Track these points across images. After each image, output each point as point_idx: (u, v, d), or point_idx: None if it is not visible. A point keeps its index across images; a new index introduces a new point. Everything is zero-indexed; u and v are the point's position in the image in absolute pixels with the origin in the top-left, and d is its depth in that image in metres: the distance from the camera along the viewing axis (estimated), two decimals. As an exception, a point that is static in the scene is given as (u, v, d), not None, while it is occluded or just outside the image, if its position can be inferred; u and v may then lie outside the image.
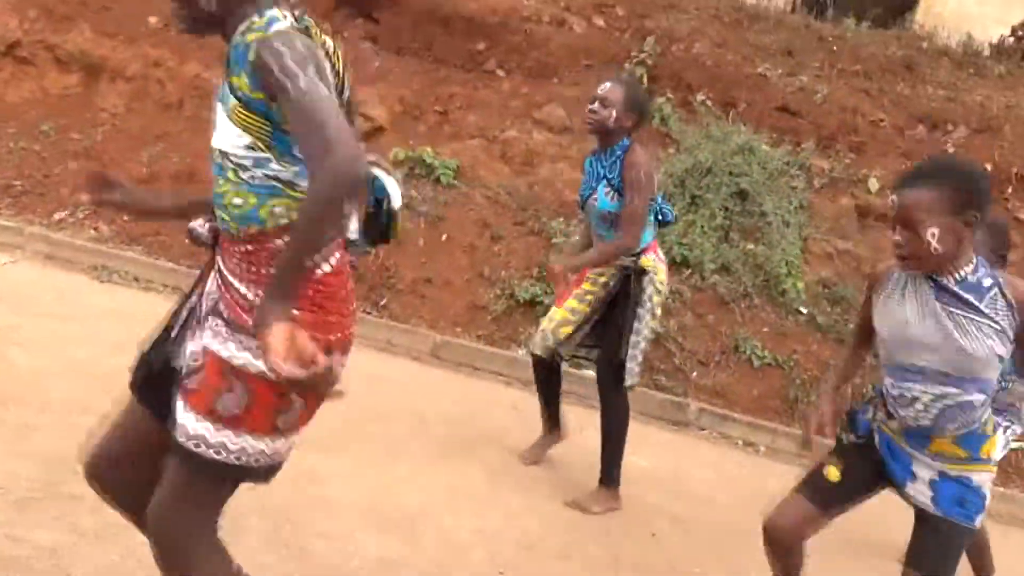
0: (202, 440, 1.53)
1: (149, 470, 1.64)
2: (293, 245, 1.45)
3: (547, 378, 3.63)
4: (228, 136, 1.54)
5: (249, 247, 1.57)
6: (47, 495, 2.48)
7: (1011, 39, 9.77)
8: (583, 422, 3.88)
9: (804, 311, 6.01)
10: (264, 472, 1.61)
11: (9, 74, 6.98)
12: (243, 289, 1.57)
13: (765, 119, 7.43)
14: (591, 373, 3.68)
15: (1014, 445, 3.52)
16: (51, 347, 3.62)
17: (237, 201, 1.55)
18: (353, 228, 1.65)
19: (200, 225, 1.69)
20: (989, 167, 7.11)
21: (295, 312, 1.48)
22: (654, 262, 3.34)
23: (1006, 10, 11.38)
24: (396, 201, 1.70)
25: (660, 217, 3.42)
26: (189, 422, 1.54)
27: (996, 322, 2.08)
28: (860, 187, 6.89)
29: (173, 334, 1.70)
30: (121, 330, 4.03)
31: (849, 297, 6.00)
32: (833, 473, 2.32)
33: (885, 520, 2.87)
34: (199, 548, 1.60)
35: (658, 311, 3.42)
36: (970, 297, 2.10)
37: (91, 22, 7.20)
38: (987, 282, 2.11)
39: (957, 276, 2.11)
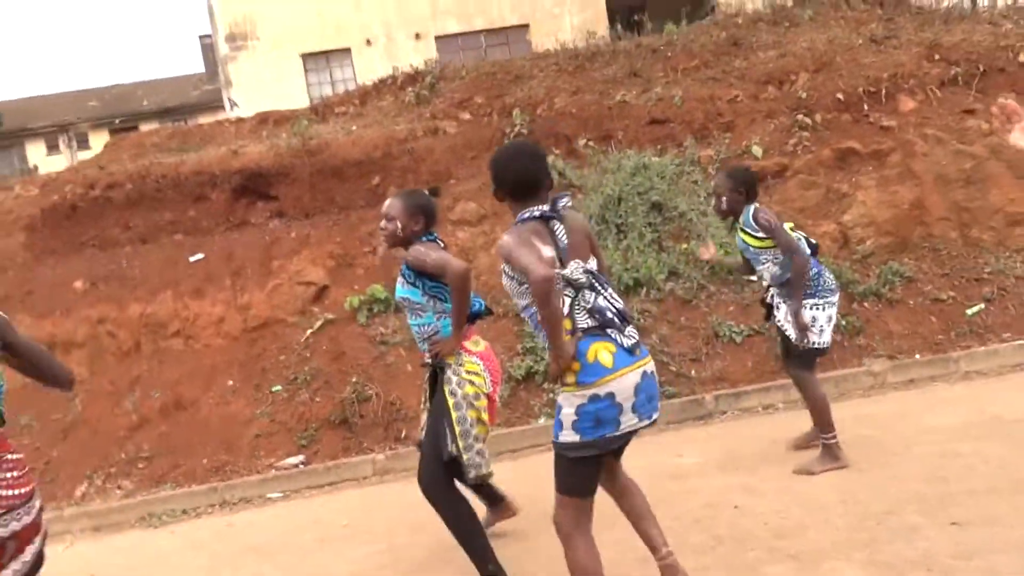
0: None
1: None
2: None
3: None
4: None
5: None
6: None
7: (804, -16, 10.97)
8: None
9: (753, 278, 6.60)
10: None
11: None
12: None
13: (642, 137, 8.18)
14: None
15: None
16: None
17: None
18: None
19: None
20: (840, 96, 8.03)
21: None
22: (458, 354, 3.38)
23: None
24: None
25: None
26: None
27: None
28: (748, 157, 7.63)
29: None
30: (208, 557, 4.28)
31: (783, 250, 6.65)
32: None
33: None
34: None
35: (478, 402, 3.35)
36: None
37: (23, 309, 7.47)
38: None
39: None
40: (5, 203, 9.15)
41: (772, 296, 4.38)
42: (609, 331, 2.61)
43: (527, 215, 2.70)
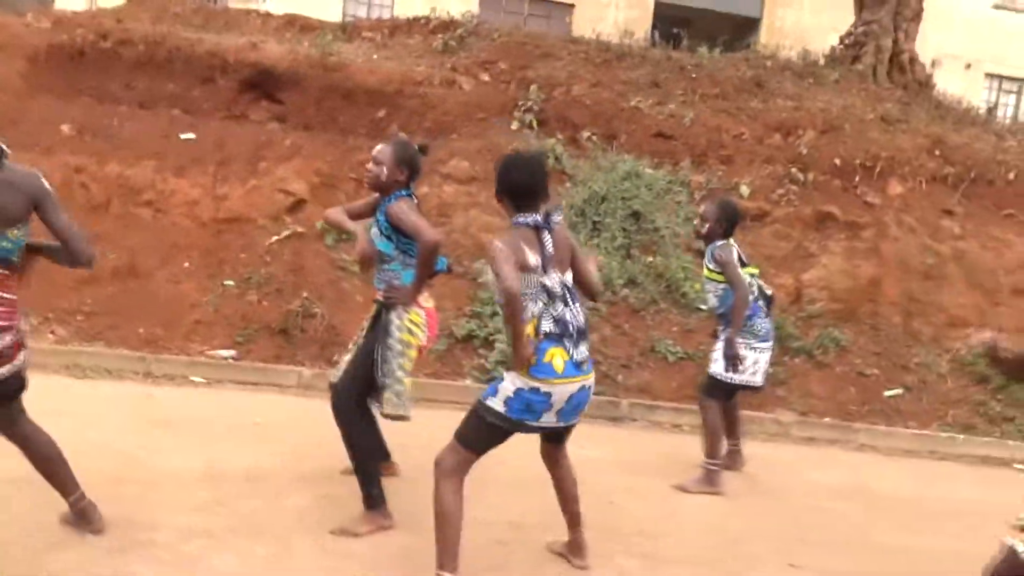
0: None
1: None
2: None
3: None
4: None
5: None
6: None
7: (840, 47, 11.19)
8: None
9: (704, 308, 6.89)
10: None
11: (-69, 198, 7.19)
12: None
13: (644, 146, 8.39)
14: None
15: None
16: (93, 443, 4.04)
17: None
18: None
19: None
20: (838, 162, 8.30)
21: None
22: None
23: (838, 18, 12.98)
24: None
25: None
26: None
27: None
28: (733, 194, 7.87)
29: None
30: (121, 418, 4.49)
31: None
32: None
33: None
34: None
35: (410, 351, 3.53)
36: None
37: (6, 138, 7.50)
38: None
39: None
40: (14, 28, 9.10)
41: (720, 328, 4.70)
42: (566, 341, 2.94)
43: (521, 220, 3.00)
